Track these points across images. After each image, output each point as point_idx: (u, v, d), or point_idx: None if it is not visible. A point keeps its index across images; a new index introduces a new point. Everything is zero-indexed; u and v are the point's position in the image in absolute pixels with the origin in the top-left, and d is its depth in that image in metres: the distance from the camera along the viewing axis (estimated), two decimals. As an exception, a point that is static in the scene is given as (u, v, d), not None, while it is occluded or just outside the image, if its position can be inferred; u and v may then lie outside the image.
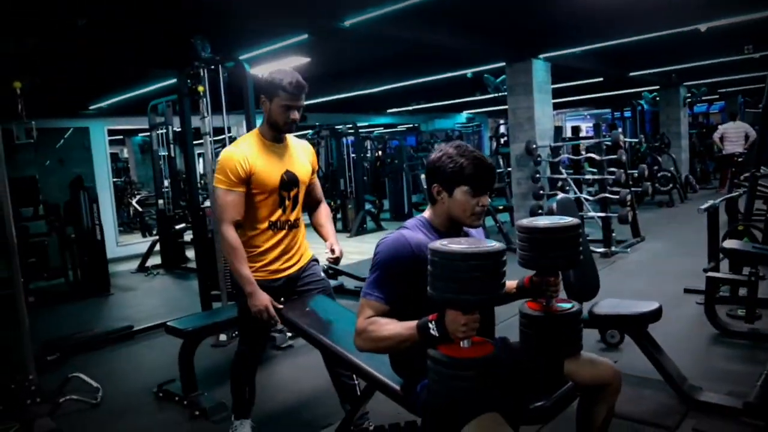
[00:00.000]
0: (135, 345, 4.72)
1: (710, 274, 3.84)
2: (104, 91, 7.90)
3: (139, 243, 9.63)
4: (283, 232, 2.56)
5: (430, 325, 1.58)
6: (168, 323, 3.46)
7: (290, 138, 2.65)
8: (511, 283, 2.08)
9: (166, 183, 8.09)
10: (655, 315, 2.83)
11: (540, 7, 6.05)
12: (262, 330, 2.70)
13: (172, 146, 7.85)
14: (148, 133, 8.41)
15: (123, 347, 4.67)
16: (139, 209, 11.38)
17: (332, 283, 4.72)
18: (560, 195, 3.08)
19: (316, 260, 2.79)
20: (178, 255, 8.01)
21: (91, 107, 8.62)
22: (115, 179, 14.94)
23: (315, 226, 2.79)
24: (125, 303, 6.41)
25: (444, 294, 1.49)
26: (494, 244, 1.52)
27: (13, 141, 3.77)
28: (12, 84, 3.39)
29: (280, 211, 2.53)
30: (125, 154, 15.23)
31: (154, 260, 8.06)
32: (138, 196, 11.91)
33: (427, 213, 1.93)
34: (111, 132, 10.32)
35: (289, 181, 2.53)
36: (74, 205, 6.74)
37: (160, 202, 8.15)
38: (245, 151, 2.44)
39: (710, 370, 3.32)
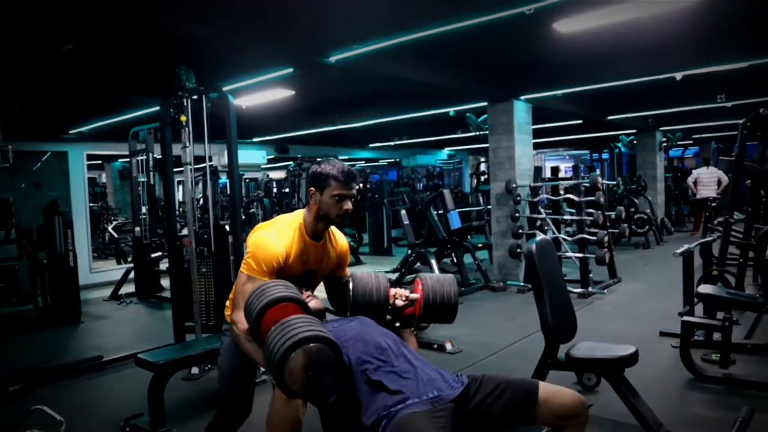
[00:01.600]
0: (104, 376, 4.59)
1: (685, 318, 3.87)
2: (85, 115, 7.84)
3: (113, 270, 9.47)
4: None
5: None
6: (139, 355, 3.38)
7: (328, 232, 2.46)
8: None
9: (144, 210, 8.00)
10: (632, 359, 2.84)
11: (523, 50, 6.19)
12: (248, 386, 2.53)
13: (151, 173, 7.80)
14: (128, 159, 8.35)
15: (91, 378, 4.53)
16: (115, 235, 11.22)
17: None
18: (539, 236, 3.10)
19: None
20: (152, 284, 7.86)
21: (71, 131, 8.54)
22: (91, 204, 14.80)
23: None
24: (96, 332, 6.25)
25: None
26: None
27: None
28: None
29: None
30: (103, 179, 15.06)
31: (128, 288, 7.91)
32: (114, 222, 11.75)
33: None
34: (90, 157, 10.23)
35: (308, 276, 2.41)
36: (48, 229, 6.61)
37: (137, 229, 8.06)
38: (287, 246, 2.28)
39: (685, 416, 3.33)
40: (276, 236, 2.29)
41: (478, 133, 8.52)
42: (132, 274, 8.02)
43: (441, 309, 2.31)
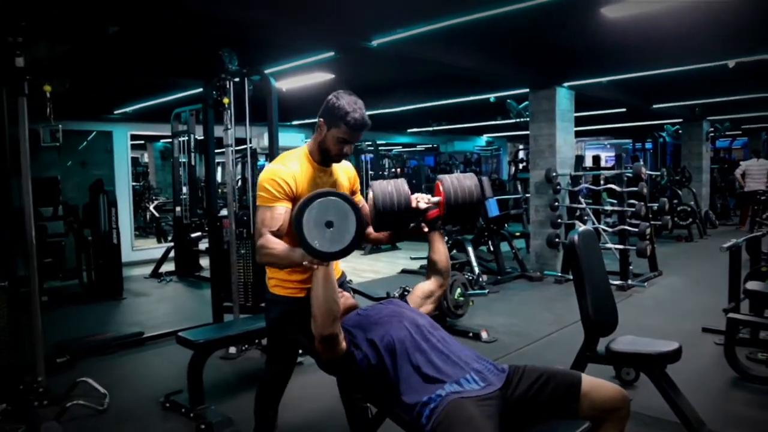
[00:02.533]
0: (144, 352, 4.71)
1: (731, 315, 3.75)
2: (130, 96, 8.00)
3: (154, 248, 9.69)
4: None
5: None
6: (179, 334, 3.45)
7: None
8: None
9: (184, 190, 8.14)
10: (675, 355, 2.76)
11: (568, 36, 6.04)
12: (294, 349, 2.61)
13: (192, 154, 7.92)
14: (170, 140, 8.49)
15: (132, 354, 4.66)
16: (156, 215, 11.46)
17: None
18: (582, 227, 3.02)
19: (350, 282, 2.73)
20: (192, 263, 8.02)
21: (116, 112, 8.72)
22: (134, 183, 15.13)
23: (384, 237, 2.52)
24: (137, 308, 6.42)
25: None
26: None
27: (39, 143, 3.80)
28: (42, 87, 3.41)
29: None
30: (146, 158, 15.38)
31: (168, 267, 8.08)
32: (155, 202, 11.99)
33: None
34: (133, 137, 10.44)
35: None
36: (93, 207, 6.80)
37: (177, 209, 8.21)
38: (294, 170, 2.30)
39: (728, 415, 3.23)
40: (282, 164, 2.34)
41: (518, 120, 8.38)
42: (172, 253, 8.19)
43: (464, 207, 2.27)
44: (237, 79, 4.58)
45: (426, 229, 2.32)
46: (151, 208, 11.72)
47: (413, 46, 5.16)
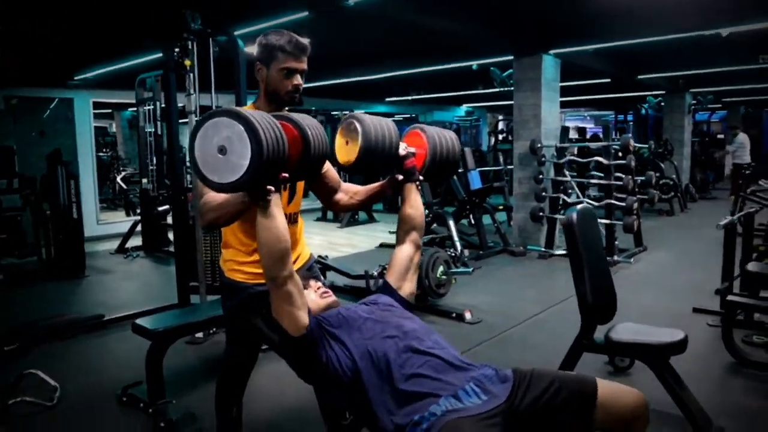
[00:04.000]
0: (104, 336, 4.37)
1: (731, 298, 3.54)
2: (91, 61, 7.48)
3: (121, 222, 9.25)
4: None
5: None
6: (136, 321, 3.13)
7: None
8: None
9: (155, 161, 7.73)
10: (680, 346, 2.53)
11: (554, 1, 5.71)
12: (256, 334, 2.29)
13: (159, 123, 7.47)
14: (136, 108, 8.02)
15: (91, 339, 4.32)
16: (124, 186, 10.98)
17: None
18: (580, 205, 2.75)
19: (318, 260, 2.42)
20: (160, 237, 7.63)
21: (77, 78, 8.18)
22: (101, 153, 14.51)
23: (350, 203, 2.34)
24: (100, 287, 6.05)
25: None
26: None
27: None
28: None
29: None
30: (114, 128, 14.77)
31: (136, 241, 7.69)
32: (123, 173, 11.50)
33: None
34: (99, 105, 9.91)
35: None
36: (51, 179, 6.34)
37: (144, 180, 7.79)
38: None
39: (729, 405, 3.03)
40: None
41: (502, 88, 8.09)
42: (139, 227, 7.79)
43: (448, 160, 2.12)
44: (201, 40, 4.19)
45: (400, 178, 2.06)
46: (119, 179, 11.22)
47: (391, 6, 4.81)
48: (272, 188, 1.63)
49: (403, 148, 2.04)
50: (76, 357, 3.97)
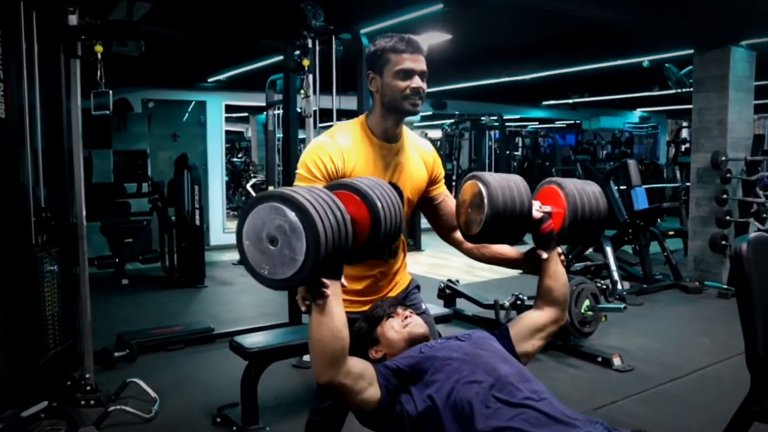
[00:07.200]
0: (211, 351, 4.67)
1: None
2: (221, 63, 8.12)
3: (247, 231, 9.88)
4: (376, 263, 2.12)
5: None
6: (234, 338, 3.31)
7: (407, 136, 2.17)
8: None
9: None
10: None
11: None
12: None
13: (288, 127, 7.90)
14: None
15: (198, 352, 4.65)
16: (253, 194, 11.74)
17: (444, 311, 4.37)
18: (755, 233, 2.48)
19: (418, 287, 2.38)
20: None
21: (210, 80, 8.93)
22: (236, 159, 15.65)
23: (471, 254, 2.26)
24: (216, 299, 6.51)
25: None
26: None
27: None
28: (94, 48, 3.37)
29: None
30: (249, 132, 15.88)
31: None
32: (253, 180, 12.30)
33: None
34: (236, 108, 10.64)
35: None
36: (177, 185, 6.96)
37: (270, 188, 8.26)
38: (342, 145, 2.02)
39: None
40: (327, 136, 2.07)
41: (678, 90, 7.58)
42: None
43: (591, 222, 1.97)
44: (324, 38, 4.39)
45: (544, 256, 1.95)
46: (248, 186, 12.01)
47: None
48: (329, 284, 1.58)
49: (537, 208, 1.93)
50: (181, 369, 4.29)
